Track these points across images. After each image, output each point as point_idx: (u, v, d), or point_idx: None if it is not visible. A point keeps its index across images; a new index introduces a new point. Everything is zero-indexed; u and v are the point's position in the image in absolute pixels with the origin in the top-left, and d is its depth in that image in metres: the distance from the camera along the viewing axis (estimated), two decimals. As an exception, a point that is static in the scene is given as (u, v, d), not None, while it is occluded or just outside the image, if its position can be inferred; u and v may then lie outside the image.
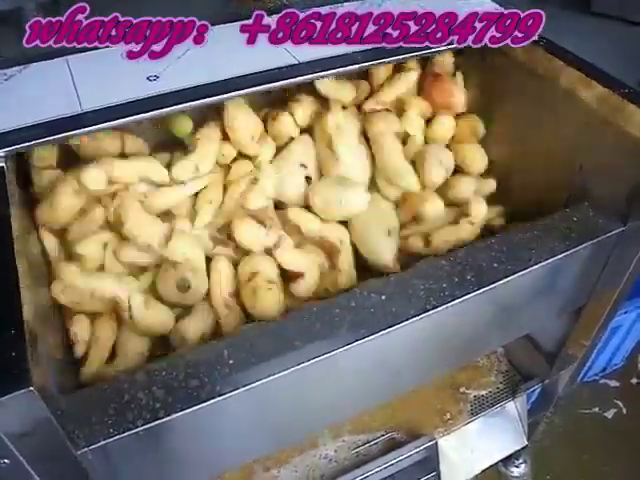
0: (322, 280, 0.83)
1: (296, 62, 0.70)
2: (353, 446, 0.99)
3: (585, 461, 1.42)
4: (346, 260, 0.84)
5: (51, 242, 0.74)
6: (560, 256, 0.70)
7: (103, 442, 0.51)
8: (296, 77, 0.67)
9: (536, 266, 0.69)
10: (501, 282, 0.67)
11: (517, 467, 1.31)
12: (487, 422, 1.05)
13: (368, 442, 1.00)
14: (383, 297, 0.64)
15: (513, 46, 0.84)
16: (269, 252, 0.81)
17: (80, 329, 0.72)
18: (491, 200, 0.91)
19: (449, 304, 0.63)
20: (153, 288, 0.78)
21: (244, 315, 0.77)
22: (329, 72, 0.69)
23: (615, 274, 0.81)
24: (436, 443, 1.00)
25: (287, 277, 0.81)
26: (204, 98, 0.61)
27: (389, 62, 0.76)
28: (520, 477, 1.32)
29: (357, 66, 0.71)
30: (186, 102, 0.61)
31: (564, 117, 0.83)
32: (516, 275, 0.68)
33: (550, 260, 0.70)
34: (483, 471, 1.10)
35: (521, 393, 1.05)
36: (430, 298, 0.64)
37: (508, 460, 1.29)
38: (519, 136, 0.93)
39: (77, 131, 0.59)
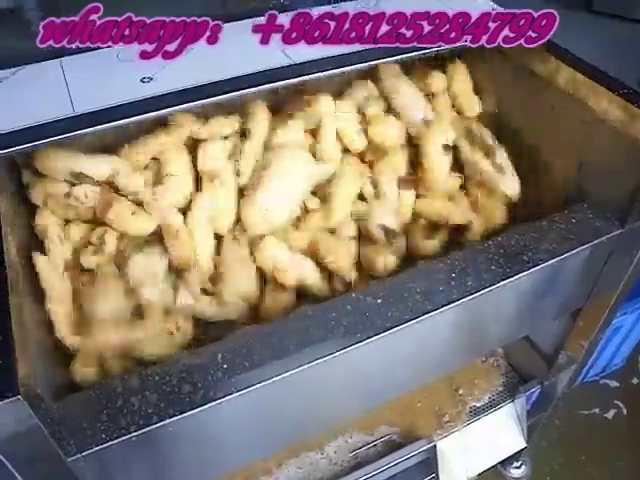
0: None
1: (292, 62, 0.69)
2: (352, 447, 0.99)
3: (585, 462, 1.41)
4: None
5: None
6: (558, 258, 0.70)
7: (95, 448, 0.50)
8: (292, 78, 0.66)
9: (534, 269, 0.68)
10: (499, 285, 0.66)
11: (517, 468, 1.31)
12: (486, 424, 1.05)
13: (367, 444, 0.99)
14: (379, 300, 0.63)
15: (526, 46, 0.83)
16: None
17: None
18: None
19: (445, 308, 0.63)
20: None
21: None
22: (325, 73, 0.69)
23: (614, 276, 0.80)
24: (435, 445, 0.99)
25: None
26: (197, 100, 0.61)
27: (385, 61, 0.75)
28: (520, 478, 1.32)
29: (353, 67, 0.71)
30: (178, 105, 0.60)
31: (564, 117, 0.82)
32: (514, 278, 0.67)
33: (548, 262, 0.69)
34: (482, 473, 1.09)
35: (520, 395, 1.04)
36: (426, 302, 0.63)
37: (507, 461, 1.29)
38: (519, 136, 0.92)
39: (69, 134, 0.59)
